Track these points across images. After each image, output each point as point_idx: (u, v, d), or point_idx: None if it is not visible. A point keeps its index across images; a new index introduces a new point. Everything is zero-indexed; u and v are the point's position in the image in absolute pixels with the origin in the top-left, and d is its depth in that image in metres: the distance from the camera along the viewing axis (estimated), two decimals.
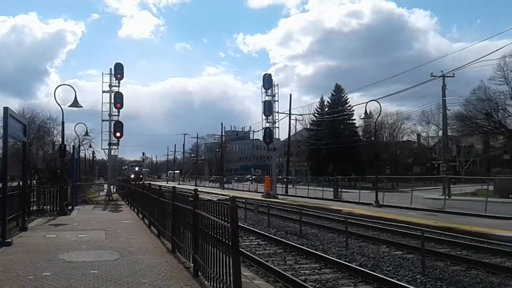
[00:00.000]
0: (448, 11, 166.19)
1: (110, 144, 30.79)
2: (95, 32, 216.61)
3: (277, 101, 35.99)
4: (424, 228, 10.89)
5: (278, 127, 36.33)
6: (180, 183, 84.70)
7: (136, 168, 78.15)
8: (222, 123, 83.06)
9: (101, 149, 33.01)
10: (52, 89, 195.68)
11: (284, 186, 44.97)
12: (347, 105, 70.10)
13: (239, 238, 5.52)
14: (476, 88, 48.46)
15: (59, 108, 22.36)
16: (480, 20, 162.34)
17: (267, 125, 35.50)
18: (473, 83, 71.96)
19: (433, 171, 62.17)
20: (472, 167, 64.68)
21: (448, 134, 45.53)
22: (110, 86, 30.48)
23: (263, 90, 35.72)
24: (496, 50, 57.03)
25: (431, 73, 37.75)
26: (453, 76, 37.71)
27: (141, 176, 69.27)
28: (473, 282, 8.82)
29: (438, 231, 14.46)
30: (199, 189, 7.73)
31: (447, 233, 14.11)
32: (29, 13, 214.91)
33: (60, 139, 27.08)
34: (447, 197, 28.49)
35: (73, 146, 32.06)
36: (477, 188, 34.10)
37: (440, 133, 52.16)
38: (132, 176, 59.68)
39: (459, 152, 63.47)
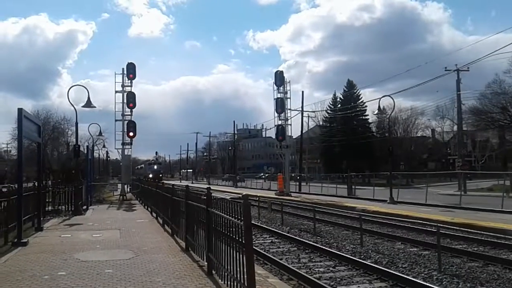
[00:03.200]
0: (462, 3, 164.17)
1: (123, 144, 31.03)
2: (106, 31, 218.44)
3: (289, 98, 35.91)
4: (440, 224, 10.71)
5: (290, 124, 36.20)
6: (193, 182, 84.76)
7: (155, 167, 74.45)
8: (234, 121, 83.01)
9: (115, 149, 33.35)
10: (64, 89, 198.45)
11: (297, 183, 44.83)
12: (360, 101, 69.75)
13: (253, 236, 5.48)
14: (491, 82, 47.90)
15: (72, 108, 22.65)
16: (495, 12, 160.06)
17: (280, 122, 35.37)
18: (488, 76, 71.12)
19: (448, 166, 61.59)
20: (488, 162, 63.82)
21: (463, 128, 44.97)
22: (123, 86, 30.70)
23: (275, 87, 35.54)
24: None
25: (445, 67, 37.45)
26: (468, 70, 37.30)
27: (160, 175, 66.63)
28: (490, 278, 8.69)
29: (454, 227, 14.32)
30: (212, 188, 7.70)
31: (463, 229, 13.96)
32: (40, 13, 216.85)
33: (74, 139, 27.35)
34: (462, 192, 28.11)
35: (87, 146, 32.32)
36: (493, 183, 33.62)
37: (455, 128, 51.79)
38: (151, 175, 58.07)
39: (475, 147, 62.67)
